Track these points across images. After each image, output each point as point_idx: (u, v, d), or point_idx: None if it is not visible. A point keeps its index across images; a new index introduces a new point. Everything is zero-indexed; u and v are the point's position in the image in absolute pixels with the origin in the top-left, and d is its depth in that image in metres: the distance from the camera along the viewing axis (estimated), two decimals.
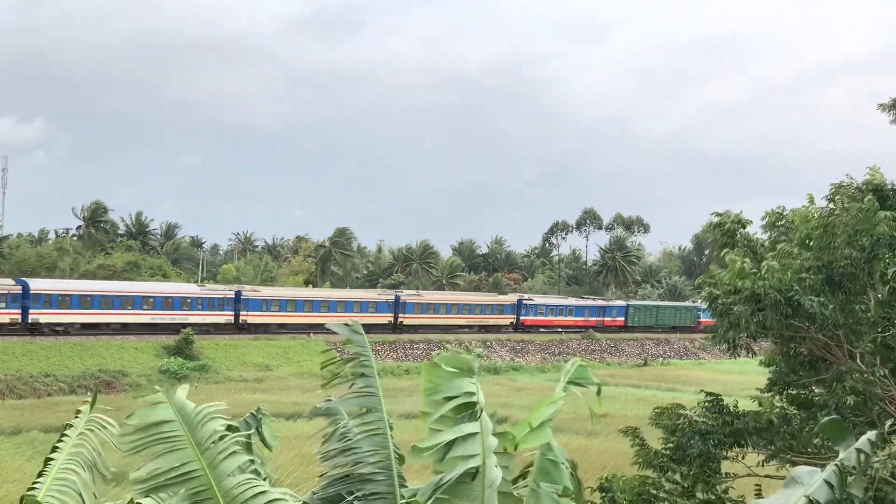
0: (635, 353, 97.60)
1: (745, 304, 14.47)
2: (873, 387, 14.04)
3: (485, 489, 4.76)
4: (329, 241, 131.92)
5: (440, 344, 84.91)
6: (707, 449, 15.72)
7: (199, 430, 5.18)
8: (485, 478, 4.76)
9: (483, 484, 4.76)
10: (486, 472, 4.77)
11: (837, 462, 4.38)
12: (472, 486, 4.79)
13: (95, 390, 6.30)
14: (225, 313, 78.36)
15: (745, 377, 54.10)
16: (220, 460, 5.11)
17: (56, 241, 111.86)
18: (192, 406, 5.30)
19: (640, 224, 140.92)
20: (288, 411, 51.86)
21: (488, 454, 4.82)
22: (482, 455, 4.80)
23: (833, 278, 14.23)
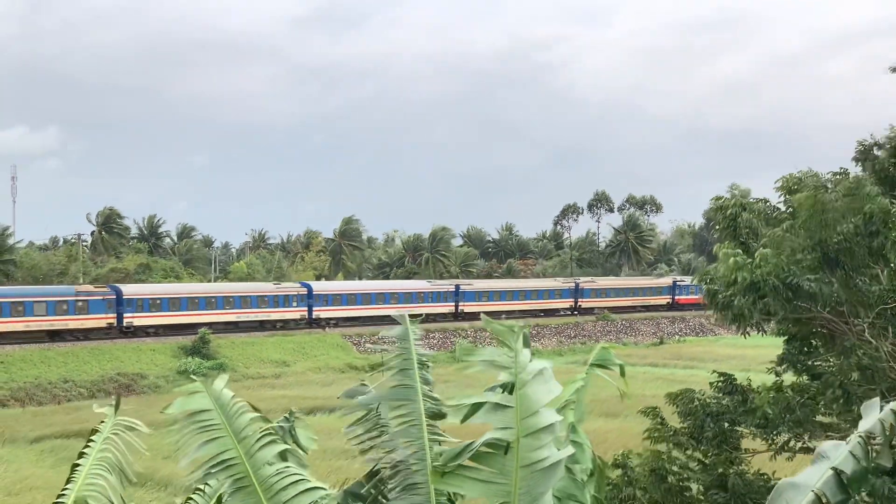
0: (650, 332, 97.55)
1: (745, 295, 14.44)
2: (880, 360, 14.00)
3: (518, 468, 4.72)
4: (336, 233, 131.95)
5: (456, 332, 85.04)
6: (721, 429, 15.71)
7: (236, 421, 5.21)
8: (518, 456, 4.72)
9: (517, 461, 4.73)
10: (521, 450, 4.73)
11: (862, 433, 4.35)
12: (505, 461, 4.75)
13: (118, 395, 6.39)
14: (448, 304, 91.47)
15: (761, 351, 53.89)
16: (256, 449, 5.14)
17: (66, 247, 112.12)
18: (229, 396, 5.34)
19: (652, 203, 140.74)
20: (308, 406, 51.99)
21: (526, 431, 4.78)
22: (517, 431, 4.77)
23: (829, 255, 14.18)
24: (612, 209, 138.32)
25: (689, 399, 16.44)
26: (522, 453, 4.70)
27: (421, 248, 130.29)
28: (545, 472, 4.68)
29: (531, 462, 4.69)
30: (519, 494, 4.66)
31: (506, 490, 4.68)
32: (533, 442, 4.73)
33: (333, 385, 62.82)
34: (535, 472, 4.68)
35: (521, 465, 4.68)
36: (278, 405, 52.70)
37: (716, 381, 16.84)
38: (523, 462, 4.69)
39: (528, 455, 4.70)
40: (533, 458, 4.70)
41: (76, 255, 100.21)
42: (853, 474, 4.17)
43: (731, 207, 16.67)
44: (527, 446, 4.72)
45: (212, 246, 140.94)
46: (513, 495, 4.67)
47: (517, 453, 4.70)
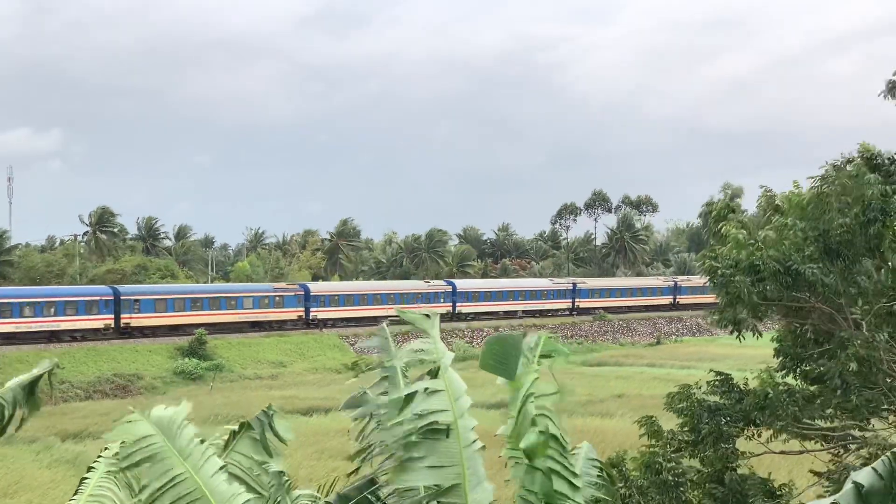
0: (647, 332, 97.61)
1: (745, 275, 14.47)
2: (875, 352, 13.99)
3: (462, 449, 4.74)
4: (333, 234, 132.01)
5: (453, 332, 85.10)
6: (718, 426, 15.69)
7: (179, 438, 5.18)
8: (460, 437, 4.75)
9: (460, 443, 4.75)
10: (461, 431, 4.76)
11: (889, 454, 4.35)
12: (448, 445, 4.77)
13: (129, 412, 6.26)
14: (566, 300, 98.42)
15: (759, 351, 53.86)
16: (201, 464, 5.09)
17: (63, 247, 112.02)
18: (169, 415, 5.31)
19: (648, 203, 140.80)
20: (304, 406, 52.01)
21: (461, 413, 4.82)
22: (453, 412, 4.80)
23: (830, 247, 14.21)
24: (610, 209, 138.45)
25: (687, 395, 16.42)
26: (462, 434, 4.75)
27: (418, 248, 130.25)
28: (481, 453, 4.76)
29: (470, 442, 4.75)
30: (468, 476, 4.70)
31: (456, 472, 4.71)
32: (467, 422, 4.78)
33: (330, 386, 62.79)
34: (474, 453, 4.74)
35: (463, 445, 4.73)
36: (276, 406, 52.64)
37: (712, 380, 16.83)
38: (465, 443, 4.73)
39: (467, 435, 4.75)
40: (471, 437, 4.76)
41: (74, 256, 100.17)
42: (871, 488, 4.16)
43: (718, 209, 16.76)
44: (464, 427, 4.77)
45: (211, 246, 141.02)
46: (462, 476, 4.70)
47: (459, 435, 4.75)
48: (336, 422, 47.61)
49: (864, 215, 13.71)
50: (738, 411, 15.76)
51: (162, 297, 74.91)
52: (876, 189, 13.65)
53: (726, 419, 15.74)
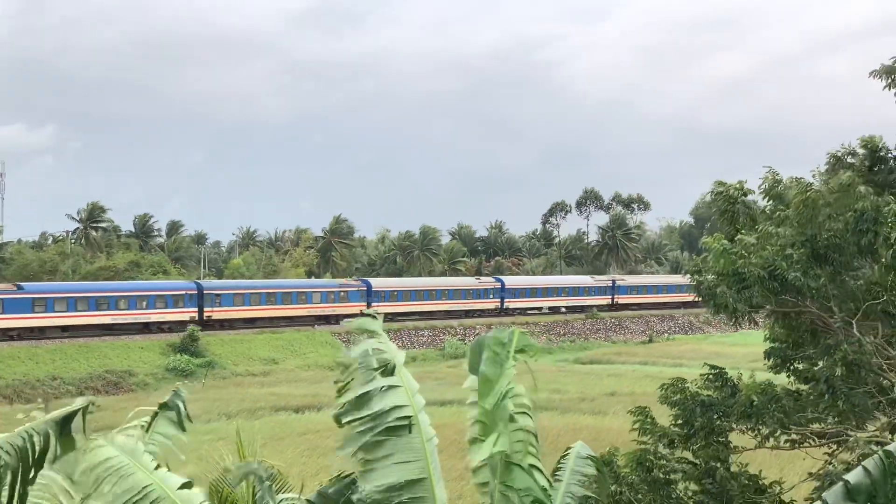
0: (640, 330, 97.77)
1: (729, 285, 14.47)
2: (864, 355, 14.01)
3: (425, 442, 4.79)
4: (326, 231, 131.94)
5: (445, 330, 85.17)
6: (710, 421, 15.72)
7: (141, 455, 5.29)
8: (422, 431, 4.79)
9: (423, 436, 4.80)
10: (422, 425, 4.82)
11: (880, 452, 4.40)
12: (412, 440, 4.82)
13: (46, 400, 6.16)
14: (605, 297, 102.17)
15: (750, 349, 54.13)
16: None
17: (56, 244, 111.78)
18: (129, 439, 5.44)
19: (640, 202, 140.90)
20: (296, 404, 52.00)
21: (420, 409, 4.88)
22: (412, 407, 4.85)
23: (818, 252, 14.22)
24: (602, 207, 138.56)
25: (680, 389, 16.44)
26: (423, 428, 4.80)
27: (410, 246, 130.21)
28: (437, 448, 4.81)
29: (430, 437, 4.80)
30: (432, 469, 4.74)
31: (421, 466, 4.76)
32: (425, 417, 4.83)
33: (322, 383, 62.75)
34: (434, 447, 4.79)
35: (425, 439, 4.78)
36: (267, 403, 52.75)
37: (706, 373, 16.85)
38: (426, 436, 4.79)
39: (427, 430, 4.81)
40: (430, 433, 4.80)
41: (68, 253, 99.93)
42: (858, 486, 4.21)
43: (731, 190, 16.70)
44: (423, 421, 4.82)
45: (203, 243, 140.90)
46: (427, 470, 4.75)
47: (421, 429, 4.80)
48: (328, 419, 47.64)
49: (855, 225, 13.70)
50: (730, 406, 15.79)
51: (240, 291, 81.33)
52: (869, 202, 13.64)
53: (719, 415, 15.76)
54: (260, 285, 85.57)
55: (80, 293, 72.65)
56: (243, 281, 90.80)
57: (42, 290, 72.13)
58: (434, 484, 4.78)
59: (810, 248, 14.14)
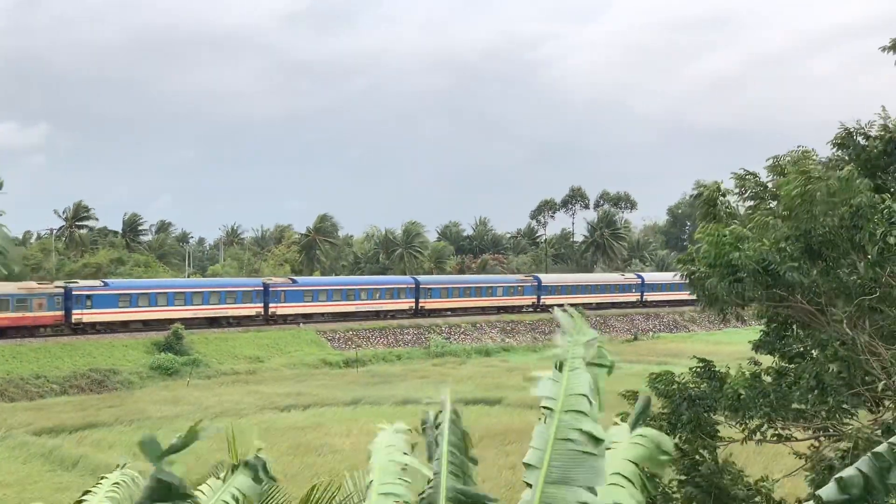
0: (624, 328, 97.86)
1: (722, 276, 14.49)
2: (856, 352, 14.04)
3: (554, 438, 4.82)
4: (310, 229, 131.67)
5: (430, 328, 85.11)
6: (697, 415, 15.74)
7: None
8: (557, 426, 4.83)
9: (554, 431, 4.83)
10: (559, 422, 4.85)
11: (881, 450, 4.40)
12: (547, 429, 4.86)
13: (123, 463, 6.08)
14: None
15: (735, 347, 54.24)
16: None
17: (40, 242, 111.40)
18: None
19: (626, 200, 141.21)
20: (282, 403, 51.94)
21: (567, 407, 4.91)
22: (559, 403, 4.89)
23: (812, 247, 14.22)
24: (588, 205, 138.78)
25: (669, 381, 16.45)
26: (560, 425, 4.79)
27: (395, 243, 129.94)
28: (576, 455, 4.75)
29: (566, 437, 4.77)
30: (551, 465, 4.73)
31: (539, 457, 4.76)
32: (572, 420, 4.80)
33: (308, 381, 62.72)
34: (568, 451, 4.76)
35: (557, 436, 4.77)
36: (252, 401, 52.68)
37: (695, 366, 16.87)
38: (560, 434, 4.77)
39: (565, 430, 4.79)
40: (569, 434, 4.78)
41: (51, 251, 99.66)
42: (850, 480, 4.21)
43: (708, 192, 16.73)
44: (566, 422, 4.80)
45: (187, 241, 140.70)
46: (544, 462, 4.74)
47: (556, 425, 4.80)
48: (313, 418, 47.61)
49: (850, 220, 13.70)
50: (717, 399, 15.81)
51: (446, 285, 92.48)
52: (865, 197, 13.63)
53: (706, 409, 15.78)
54: (460, 280, 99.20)
55: (335, 286, 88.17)
56: (447, 276, 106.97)
57: (311, 283, 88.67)
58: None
59: (804, 242, 14.15)
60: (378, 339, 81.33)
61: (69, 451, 38.90)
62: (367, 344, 79.05)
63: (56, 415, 48.82)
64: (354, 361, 71.15)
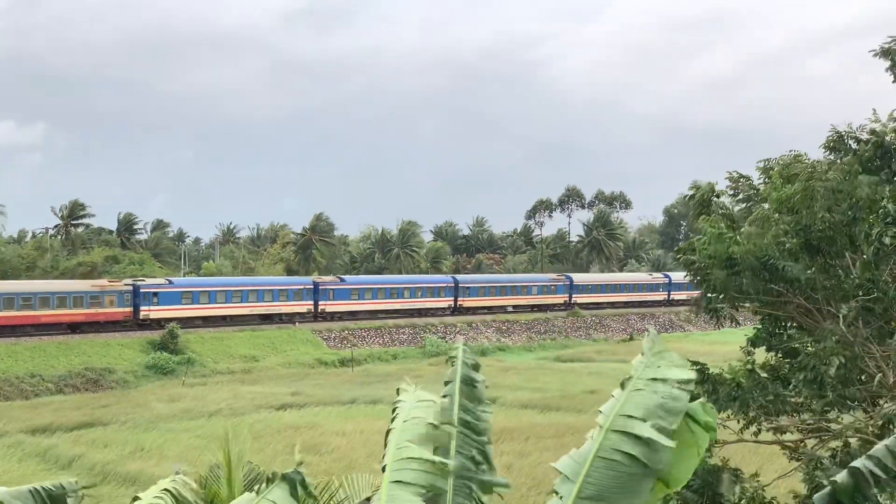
0: (620, 328, 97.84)
1: (722, 269, 14.53)
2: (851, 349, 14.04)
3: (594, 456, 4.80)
4: (307, 229, 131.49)
5: (426, 328, 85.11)
6: None
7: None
8: (599, 443, 4.84)
9: (596, 449, 4.82)
10: (603, 439, 4.83)
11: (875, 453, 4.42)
12: (591, 447, 4.86)
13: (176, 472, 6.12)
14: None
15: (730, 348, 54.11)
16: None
17: (35, 240, 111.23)
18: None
19: (622, 200, 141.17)
20: (277, 402, 51.89)
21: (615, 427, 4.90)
22: (608, 420, 4.92)
23: (811, 242, 14.25)
24: (584, 205, 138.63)
25: None
26: (604, 443, 4.74)
27: (391, 243, 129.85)
28: (618, 476, 4.68)
29: (607, 457, 4.71)
30: (585, 481, 4.68)
31: (576, 471, 4.72)
32: (618, 441, 4.73)
33: (304, 381, 62.68)
34: (608, 471, 4.68)
35: (597, 454, 4.72)
36: (247, 401, 52.62)
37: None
38: (601, 453, 4.72)
39: (608, 449, 4.73)
40: (611, 455, 4.71)
41: (46, 248, 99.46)
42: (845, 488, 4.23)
43: (700, 193, 16.76)
44: (610, 441, 4.74)
45: (183, 240, 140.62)
46: (579, 476, 4.70)
47: (599, 440, 4.76)
48: (309, 417, 47.59)
49: (850, 214, 13.72)
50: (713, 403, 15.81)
51: (483, 285, 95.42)
52: (865, 191, 13.65)
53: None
54: (497, 279, 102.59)
55: (381, 285, 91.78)
56: (484, 276, 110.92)
57: (358, 281, 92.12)
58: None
59: (804, 238, 14.17)
60: (373, 339, 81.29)
61: (65, 450, 38.84)
62: (362, 343, 79.01)
63: (51, 413, 48.74)
64: (350, 361, 71.13)
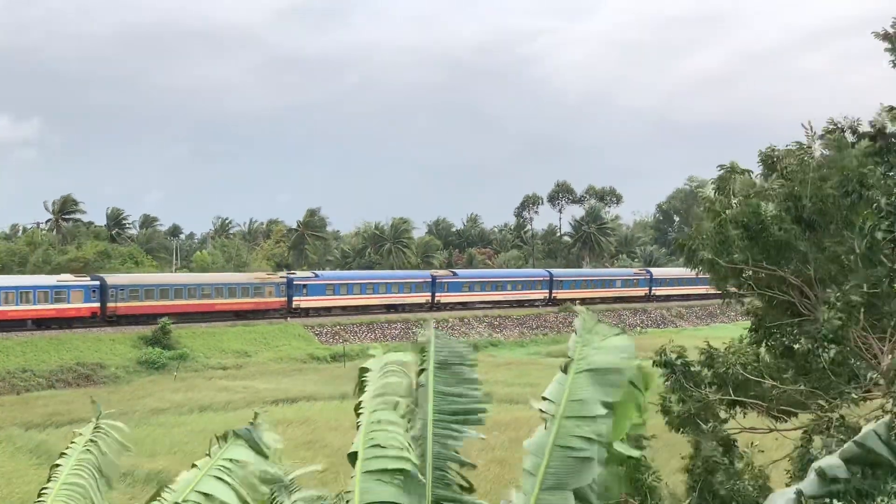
0: (611, 323, 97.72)
1: (713, 242, 14.61)
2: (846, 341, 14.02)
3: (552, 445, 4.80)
4: (300, 223, 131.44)
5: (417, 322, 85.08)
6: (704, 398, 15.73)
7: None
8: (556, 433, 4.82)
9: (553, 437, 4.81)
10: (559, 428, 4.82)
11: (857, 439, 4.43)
12: (546, 436, 4.86)
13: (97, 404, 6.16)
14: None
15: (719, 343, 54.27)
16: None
17: (26, 235, 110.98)
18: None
19: (612, 195, 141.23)
20: (269, 397, 51.86)
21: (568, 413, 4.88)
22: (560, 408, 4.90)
23: (802, 215, 14.27)
24: (574, 200, 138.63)
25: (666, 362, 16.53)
26: (560, 432, 4.75)
27: (382, 238, 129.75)
28: (576, 462, 4.70)
29: (566, 445, 4.72)
30: (546, 471, 4.69)
31: (537, 463, 4.73)
32: (572, 427, 4.76)
33: (295, 376, 62.66)
34: (567, 458, 4.71)
35: (555, 442, 4.73)
36: (240, 397, 52.57)
37: (701, 348, 16.92)
38: (558, 441, 4.73)
39: (565, 437, 4.74)
40: (568, 442, 4.72)
41: (38, 243, 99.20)
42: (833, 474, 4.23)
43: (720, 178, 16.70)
44: (566, 428, 4.75)
45: (177, 235, 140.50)
46: (540, 468, 4.71)
47: (555, 431, 4.76)
48: (301, 412, 47.55)
49: (841, 186, 13.71)
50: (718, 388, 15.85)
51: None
52: (853, 162, 13.66)
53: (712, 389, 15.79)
54: (588, 273, 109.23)
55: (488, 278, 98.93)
56: (576, 270, 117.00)
57: (469, 275, 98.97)
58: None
59: (794, 209, 14.19)
60: (365, 334, 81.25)
61: (56, 445, 38.72)
62: (354, 338, 78.97)
63: (43, 409, 48.68)
64: (342, 356, 71.08)
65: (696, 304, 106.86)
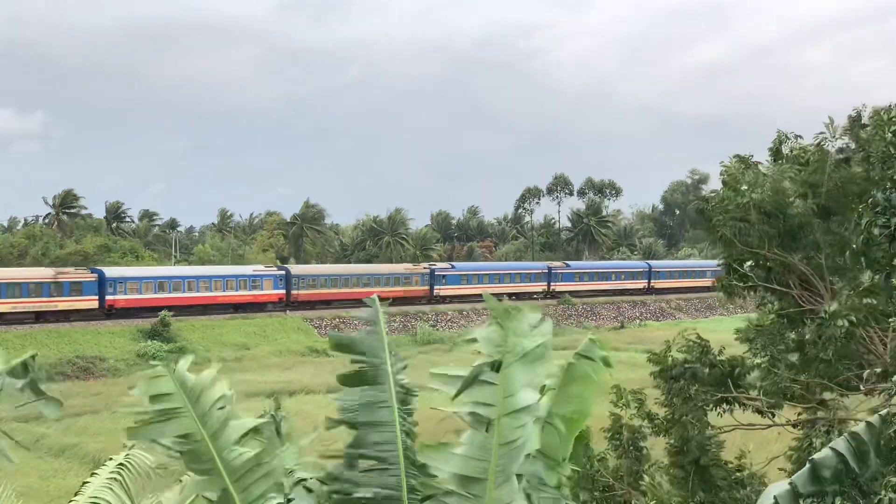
0: (611, 316, 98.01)
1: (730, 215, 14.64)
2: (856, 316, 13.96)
3: (497, 446, 4.75)
4: (297, 216, 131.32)
5: (417, 315, 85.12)
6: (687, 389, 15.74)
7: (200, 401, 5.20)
8: (498, 434, 4.75)
9: (497, 439, 4.75)
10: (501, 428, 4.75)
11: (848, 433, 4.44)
12: (485, 438, 4.78)
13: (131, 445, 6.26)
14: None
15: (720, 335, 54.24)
16: (219, 429, 5.12)
17: (26, 228, 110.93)
18: (192, 377, 5.32)
19: (611, 188, 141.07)
20: (268, 390, 51.84)
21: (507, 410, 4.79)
22: (498, 409, 4.79)
23: (819, 202, 14.28)
24: (573, 193, 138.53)
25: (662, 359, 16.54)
26: (502, 431, 4.73)
27: (381, 231, 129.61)
28: (520, 450, 4.71)
29: (509, 440, 4.72)
30: (495, 472, 4.69)
31: (483, 467, 4.71)
32: (512, 422, 4.76)
33: (294, 368, 62.71)
34: (511, 451, 4.71)
35: (500, 442, 4.72)
36: (239, 390, 52.50)
37: (693, 341, 16.91)
38: (502, 440, 4.72)
39: (507, 434, 4.73)
40: (511, 436, 4.72)
41: (37, 236, 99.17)
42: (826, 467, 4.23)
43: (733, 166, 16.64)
44: (507, 425, 4.75)
45: (176, 229, 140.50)
46: (489, 472, 4.70)
47: (497, 431, 4.74)
48: (299, 405, 47.59)
49: (864, 173, 13.67)
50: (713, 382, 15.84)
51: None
52: (881, 148, 13.52)
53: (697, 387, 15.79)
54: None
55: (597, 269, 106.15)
56: (672, 262, 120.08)
57: (580, 266, 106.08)
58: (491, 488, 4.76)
59: (812, 195, 14.20)
60: (358, 329, 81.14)
61: (56, 438, 38.86)
62: (352, 331, 78.84)
63: None
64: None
65: (694, 296, 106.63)
